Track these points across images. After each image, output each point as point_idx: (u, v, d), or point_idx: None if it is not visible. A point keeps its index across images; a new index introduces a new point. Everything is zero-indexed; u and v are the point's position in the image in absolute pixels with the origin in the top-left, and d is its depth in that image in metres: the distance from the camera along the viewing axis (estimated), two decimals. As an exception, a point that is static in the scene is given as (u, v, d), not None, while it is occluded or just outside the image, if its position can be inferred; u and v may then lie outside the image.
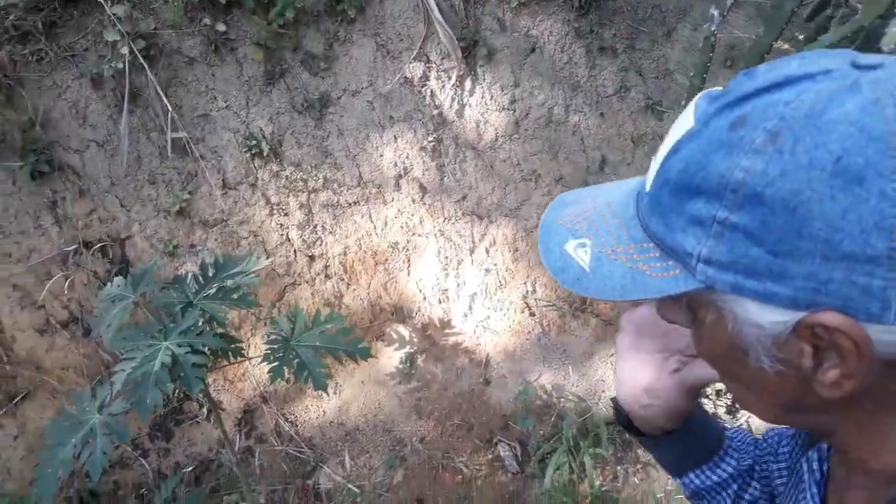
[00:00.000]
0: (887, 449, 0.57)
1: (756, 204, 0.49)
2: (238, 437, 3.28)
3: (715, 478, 0.93)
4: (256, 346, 3.43)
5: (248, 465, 3.22)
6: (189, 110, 3.49)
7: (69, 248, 3.46)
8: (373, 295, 3.57)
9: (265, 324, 3.46)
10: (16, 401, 3.36)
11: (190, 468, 3.22)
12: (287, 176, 3.54)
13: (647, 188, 0.58)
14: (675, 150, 0.55)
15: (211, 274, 2.46)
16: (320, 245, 3.60)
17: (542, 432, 3.37)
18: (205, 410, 3.36)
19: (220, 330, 2.28)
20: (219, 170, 3.53)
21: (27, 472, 3.32)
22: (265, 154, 3.50)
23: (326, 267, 3.60)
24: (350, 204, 3.58)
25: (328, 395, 3.35)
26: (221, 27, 3.37)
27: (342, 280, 3.60)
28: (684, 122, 0.56)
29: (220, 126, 3.51)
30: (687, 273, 0.54)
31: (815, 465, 0.70)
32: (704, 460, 0.93)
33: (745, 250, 0.50)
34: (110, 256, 3.53)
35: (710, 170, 0.51)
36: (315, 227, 3.59)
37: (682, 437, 0.90)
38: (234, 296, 2.47)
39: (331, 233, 3.59)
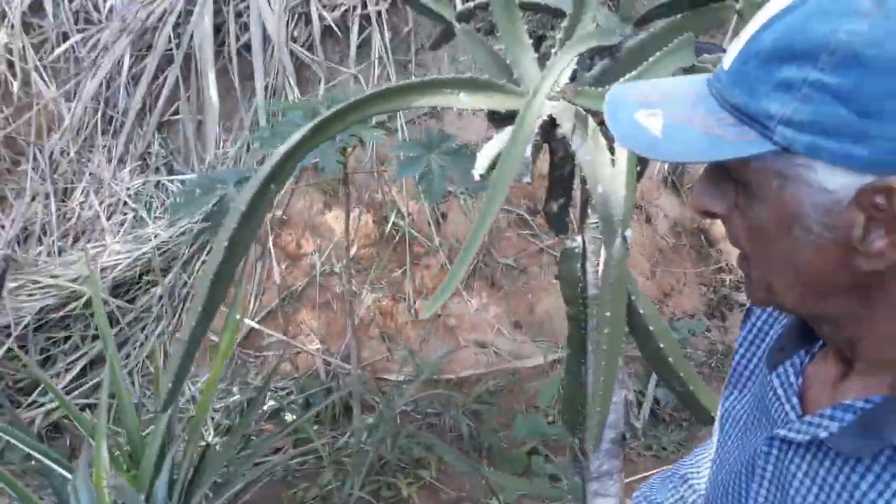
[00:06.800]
0: (891, 341, 0.59)
1: (853, 65, 0.49)
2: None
3: None
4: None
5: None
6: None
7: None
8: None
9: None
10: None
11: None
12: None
13: (727, 67, 0.58)
14: (768, 25, 0.55)
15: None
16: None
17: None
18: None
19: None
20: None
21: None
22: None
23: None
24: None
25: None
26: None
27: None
28: (775, 4, 0.56)
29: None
30: (761, 137, 0.54)
31: (792, 379, 0.72)
32: None
33: (831, 110, 0.51)
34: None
35: (809, 34, 0.52)
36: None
37: None
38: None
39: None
